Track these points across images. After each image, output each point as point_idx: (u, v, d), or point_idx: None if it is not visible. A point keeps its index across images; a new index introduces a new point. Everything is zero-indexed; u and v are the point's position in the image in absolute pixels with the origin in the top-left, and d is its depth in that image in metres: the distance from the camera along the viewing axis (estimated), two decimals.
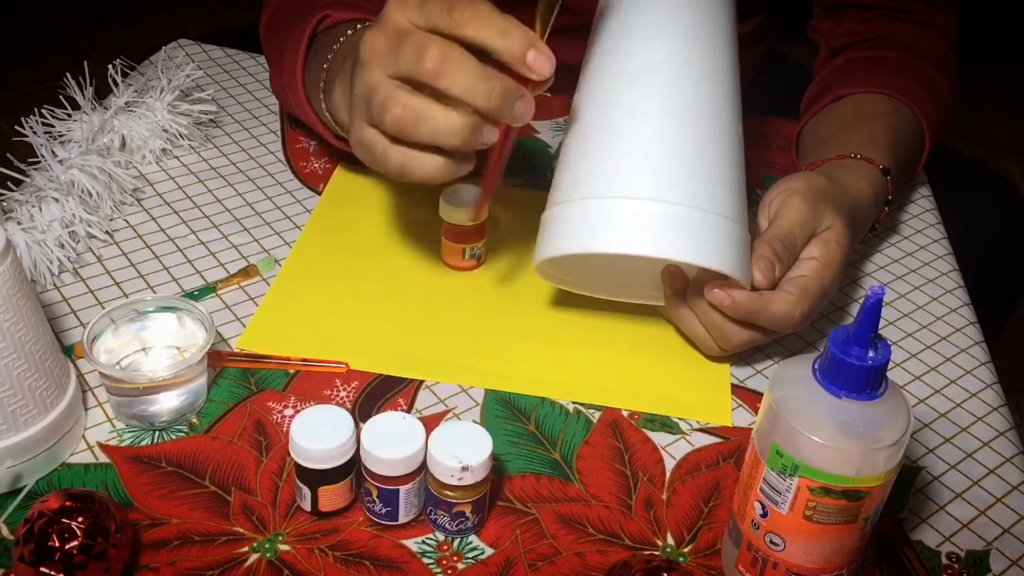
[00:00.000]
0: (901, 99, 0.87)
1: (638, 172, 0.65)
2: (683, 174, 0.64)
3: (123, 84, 0.91)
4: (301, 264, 0.80)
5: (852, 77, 0.91)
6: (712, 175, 0.65)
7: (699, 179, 0.65)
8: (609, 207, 0.64)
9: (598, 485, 0.65)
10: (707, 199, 0.64)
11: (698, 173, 0.65)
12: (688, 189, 0.64)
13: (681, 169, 0.65)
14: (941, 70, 0.92)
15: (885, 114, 0.86)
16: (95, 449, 0.65)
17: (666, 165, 0.65)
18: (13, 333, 0.58)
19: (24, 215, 0.78)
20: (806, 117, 0.92)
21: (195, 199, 0.87)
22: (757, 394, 0.73)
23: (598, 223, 0.65)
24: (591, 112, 0.68)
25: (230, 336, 0.74)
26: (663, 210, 0.63)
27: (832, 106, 0.90)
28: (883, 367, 0.51)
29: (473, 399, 0.71)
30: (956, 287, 0.84)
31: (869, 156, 0.80)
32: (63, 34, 2.67)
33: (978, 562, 0.62)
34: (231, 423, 0.67)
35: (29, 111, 0.84)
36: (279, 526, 0.61)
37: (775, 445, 0.53)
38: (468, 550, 0.61)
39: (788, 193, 0.72)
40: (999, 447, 0.70)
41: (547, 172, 0.94)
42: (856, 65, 0.93)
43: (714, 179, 0.65)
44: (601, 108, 0.68)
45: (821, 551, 0.55)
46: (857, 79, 0.90)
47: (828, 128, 0.88)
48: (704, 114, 0.67)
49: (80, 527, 0.53)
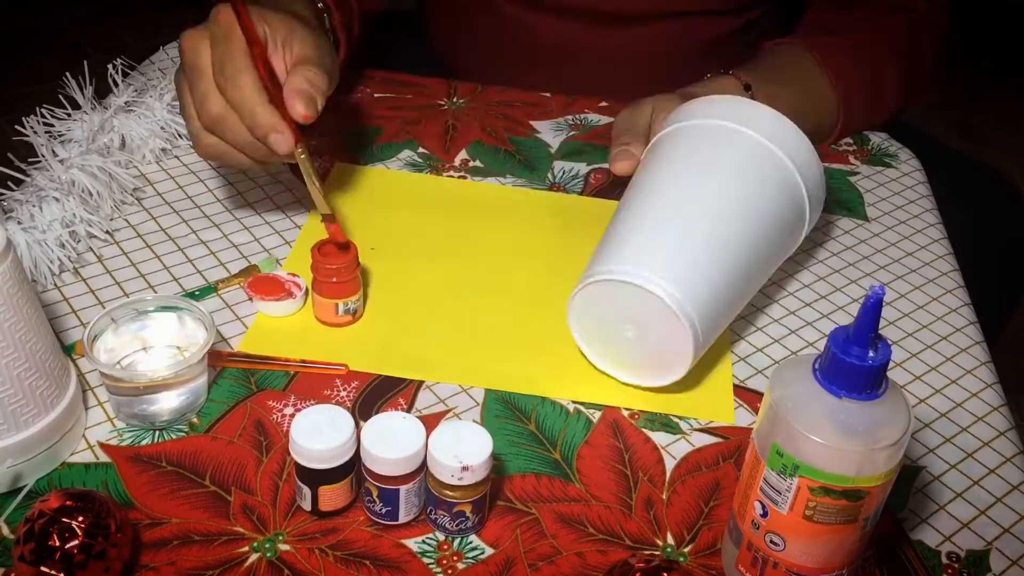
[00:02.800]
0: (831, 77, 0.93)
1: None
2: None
3: (123, 84, 0.91)
4: (302, 264, 0.80)
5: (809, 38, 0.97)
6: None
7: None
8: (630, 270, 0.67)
9: (598, 485, 0.65)
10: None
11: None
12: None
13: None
14: (896, 51, 0.97)
15: (803, 72, 0.93)
16: (95, 448, 0.65)
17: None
18: (13, 332, 0.58)
19: (25, 215, 0.78)
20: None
21: (195, 199, 0.87)
22: (757, 394, 0.73)
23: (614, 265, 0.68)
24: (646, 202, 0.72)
25: (231, 336, 0.74)
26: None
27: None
28: (883, 367, 0.51)
29: (473, 399, 0.71)
30: (956, 287, 0.84)
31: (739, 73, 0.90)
32: (63, 34, 2.67)
33: (978, 562, 0.62)
34: (231, 423, 0.67)
35: (29, 111, 0.84)
36: (279, 526, 0.61)
37: (775, 445, 0.53)
38: (468, 550, 0.61)
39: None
40: (999, 447, 0.70)
41: (547, 172, 0.94)
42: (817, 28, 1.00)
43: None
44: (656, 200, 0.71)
45: (821, 551, 0.55)
46: (813, 41, 0.96)
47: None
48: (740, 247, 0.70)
49: (80, 526, 0.53)
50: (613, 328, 0.69)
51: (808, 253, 0.87)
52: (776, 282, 0.83)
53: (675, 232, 0.68)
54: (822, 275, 0.84)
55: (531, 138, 0.98)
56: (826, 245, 0.88)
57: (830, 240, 0.88)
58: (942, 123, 2.50)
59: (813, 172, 0.74)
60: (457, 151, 0.96)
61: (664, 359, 0.69)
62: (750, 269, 0.71)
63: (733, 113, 0.74)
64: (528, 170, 0.94)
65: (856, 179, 0.96)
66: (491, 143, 0.97)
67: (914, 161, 1.00)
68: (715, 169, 0.71)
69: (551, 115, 1.02)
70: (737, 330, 0.78)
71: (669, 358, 0.68)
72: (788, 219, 0.73)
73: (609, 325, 0.69)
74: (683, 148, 0.74)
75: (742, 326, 0.78)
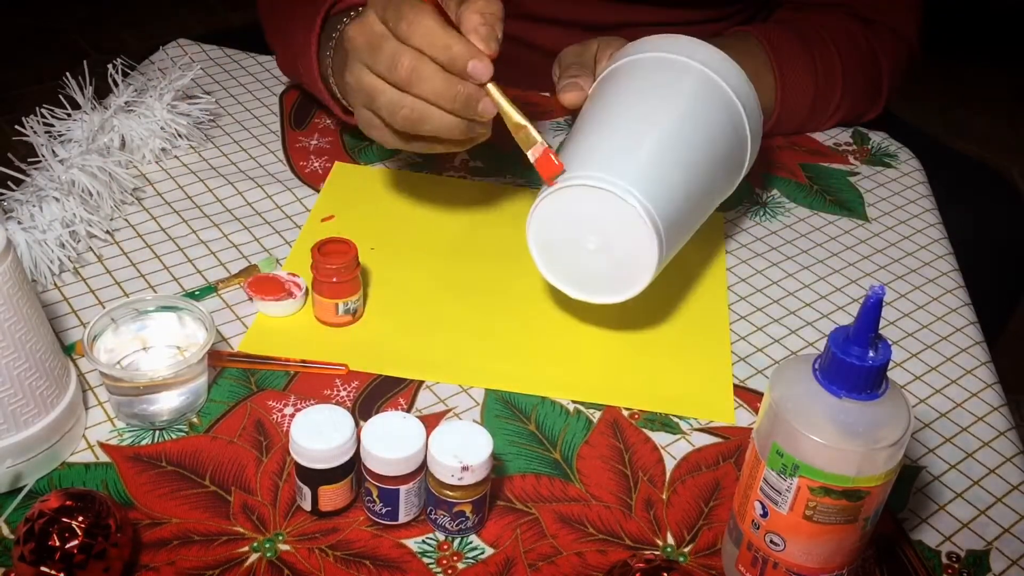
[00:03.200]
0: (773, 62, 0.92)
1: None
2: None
3: (123, 84, 0.91)
4: (302, 264, 0.80)
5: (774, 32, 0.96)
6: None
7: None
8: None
9: (598, 485, 0.65)
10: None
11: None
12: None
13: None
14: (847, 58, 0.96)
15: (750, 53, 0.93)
16: (95, 448, 0.65)
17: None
18: (13, 332, 0.58)
19: (25, 215, 0.78)
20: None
21: (195, 199, 0.87)
22: (757, 394, 0.73)
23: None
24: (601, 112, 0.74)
25: (231, 336, 0.74)
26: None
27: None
28: (883, 367, 0.51)
29: (473, 399, 0.71)
30: (956, 287, 0.84)
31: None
32: (63, 34, 2.67)
33: (978, 562, 0.62)
34: (231, 423, 0.67)
35: (29, 111, 0.84)
36: (279, 526, 0.61)
37: (775, 445, 0.53)
38: (468, 550, 0.61)
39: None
40: (999, 447, 0.70)
41: None
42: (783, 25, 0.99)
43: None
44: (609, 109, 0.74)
45: (821, 551, 0.55)
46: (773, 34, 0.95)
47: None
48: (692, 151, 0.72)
49: (80, 526, 0.53)
50: (575, 240, 0.70)
51: (808, 253, 0.87)
52: (776, 282, 0.83)
53: (638, 147, 0.70)
54: (822, 275, 0.84)
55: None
56: (826, 245, 0.88)
57: (830, 240, 0.88)
58: (942, 123, 2.50)
59: (752, 106, 0.77)
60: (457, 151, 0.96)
61: (624, 272, 0.70)
62: (704, 187, 0.73)
63: (680, 47, 0.77)
64: (528, 170, 0.94)
65: (856, 179, 0.96)
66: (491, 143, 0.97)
67: (914, 161, 1.00)
68: (669, 93, 0.74)
69: (551, 115, 1.02)
70: (737, 330, 0.78)
71: (630, 271, 0.69)
72: (733, 146, 0.77)
73: (571, 237, 0.70)
74: (635, 77, 0.76)
75: (742, 326, 0.78)
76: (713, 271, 0.83)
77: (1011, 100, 2.67)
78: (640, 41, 0.79)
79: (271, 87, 1.03)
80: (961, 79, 2.67)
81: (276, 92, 1.02)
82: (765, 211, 0.91)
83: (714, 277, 0.83)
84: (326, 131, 0.97)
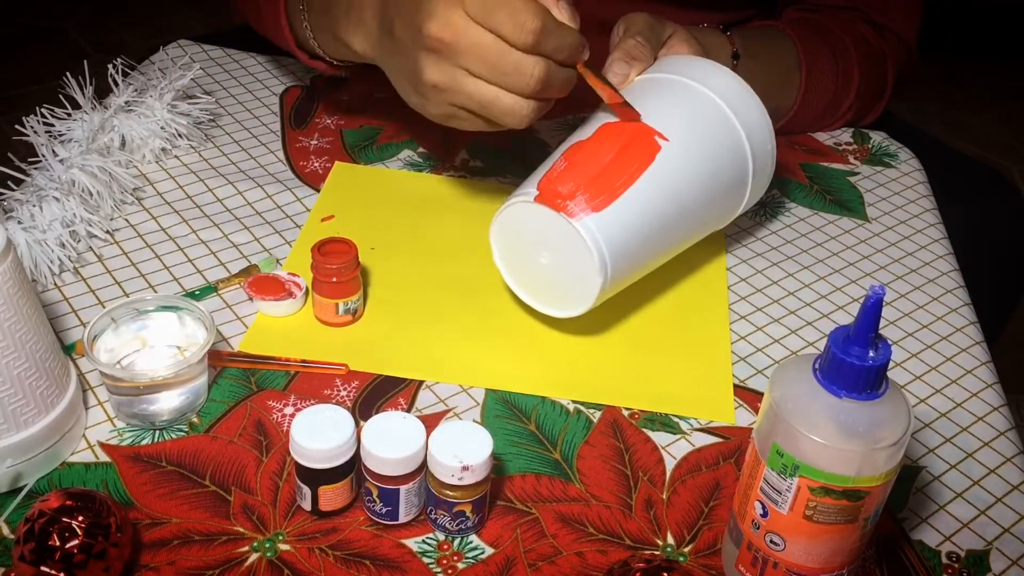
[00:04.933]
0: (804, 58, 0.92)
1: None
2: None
3: (123, 84, 0.91)
4: (302, 264, 0.80)
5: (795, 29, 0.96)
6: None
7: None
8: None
9: (598, 485, 0.65)
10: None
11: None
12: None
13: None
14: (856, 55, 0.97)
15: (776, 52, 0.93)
16: (95, 448, 0.65)
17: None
18: (13, 332, 0.58)
19: (25, 214, 0.78)
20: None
21: (195, 198, 0.87)
22: (757, 394, 0.73)
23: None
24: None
25: (231, 336, 0.74)
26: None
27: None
28: (883, 367, 0.51)
29: (473, 399, 0.71)
30: (956, 287, 0.84)
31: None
32: (63, 34, 2.67)
33: (978, 562, 0.62)
34: (231, 423, 0.67)
35: (29, 111, 0.84)
36: (279, 526, 0.61)
37: (775, 445, 0.53)
38: (468, 550, 0.61)
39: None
40: (999, 447, 0.70)
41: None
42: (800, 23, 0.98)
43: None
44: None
45: (821, 551, 0.55)
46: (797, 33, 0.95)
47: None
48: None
49: (80, 526, 0.53)
50: (530, 252, 0.71)
51: (808, 253, 0.87)
52: (776, 282, 0.83)
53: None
54: (822, 275, 0.84)
55: (531, 138, 0.98)
56: (826, 245, 0.88)
57: (830, 240, 0.88)
58: (942, 123, 2.50)
59: (762, 139, 0.76)
60: (457, 151, 0.96)
61: (572, 290, 0.70)
62: (677, 221, 0.72)
63: (700, 73, 0.75)
64: (528, 170, 0.94)
65: (856, 179, 0.96)
66: (491, 143, 0.97)
67: (914, 161, 1.00)
68: (661, 119, 0.72)
69: (551, 115, 1.02)
70: (737, 330, 0.78)
71: (577, 291, 0.70)
72: (727, 183, 0.75)
73: (527, 248, 0.71)
74: (637, 93, 0.75)
75: (742, 326, 0.78)
76: (713, 271, 0.83)
77: (1011, 100, 2.67)
78: (669, 58, 0.78)
79: (271, 87, 1.03)
80: (961, 79, 2.67)
81: (276, 92, 1.02)
82: (765, 211, 0.91)
83: (714, 277, 0.83)
84: (326, 131, 0.97)
